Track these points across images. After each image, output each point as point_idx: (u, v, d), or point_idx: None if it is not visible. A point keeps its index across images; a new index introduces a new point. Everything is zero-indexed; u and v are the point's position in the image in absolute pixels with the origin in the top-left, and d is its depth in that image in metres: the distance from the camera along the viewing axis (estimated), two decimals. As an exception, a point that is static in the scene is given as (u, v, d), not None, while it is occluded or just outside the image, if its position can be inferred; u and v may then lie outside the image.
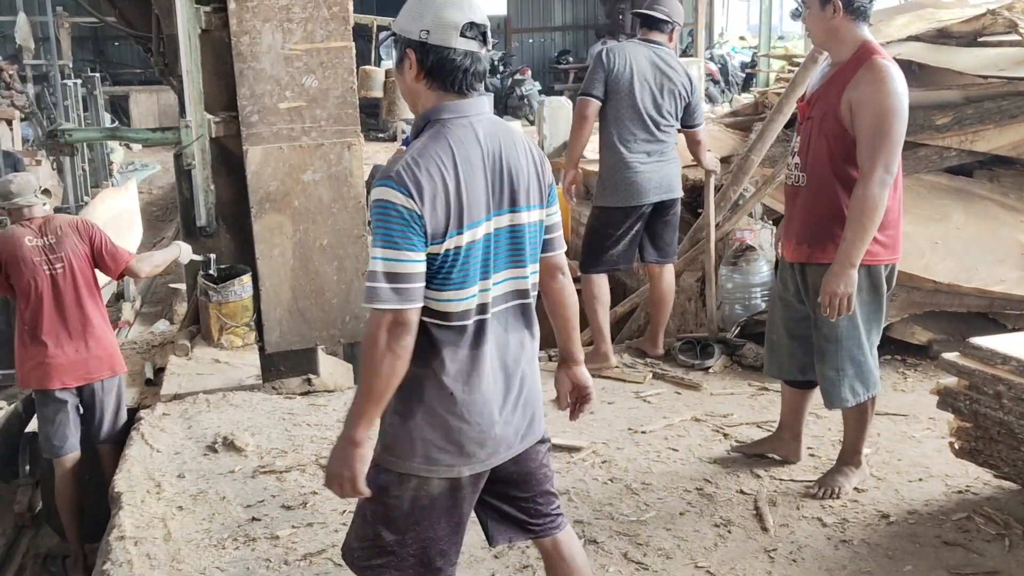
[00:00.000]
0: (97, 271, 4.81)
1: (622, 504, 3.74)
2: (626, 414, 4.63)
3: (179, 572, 3.35)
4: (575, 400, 2.69)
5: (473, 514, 2.49)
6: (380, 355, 2.19)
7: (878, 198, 3.33)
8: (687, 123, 5.08)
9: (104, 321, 4.81)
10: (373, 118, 15.36)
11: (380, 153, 13.38)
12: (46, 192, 4.84)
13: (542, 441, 2.54)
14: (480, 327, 2.31)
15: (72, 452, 4.70)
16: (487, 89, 2.36)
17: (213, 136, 5.48)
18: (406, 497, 2.35)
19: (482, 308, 2.31)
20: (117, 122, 10.90)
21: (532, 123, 15.79)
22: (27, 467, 5.12)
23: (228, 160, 5.63)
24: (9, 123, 15.62)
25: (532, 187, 2.36)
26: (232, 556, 3.45)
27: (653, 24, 5.00)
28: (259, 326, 5.64)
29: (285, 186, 5.53)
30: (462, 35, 2.23)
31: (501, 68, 19.53)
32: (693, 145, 5.21)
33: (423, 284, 2.22)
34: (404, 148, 7.82)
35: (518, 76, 19.07)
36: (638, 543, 3.45)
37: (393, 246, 2.17)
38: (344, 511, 3.73)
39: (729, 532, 3.52)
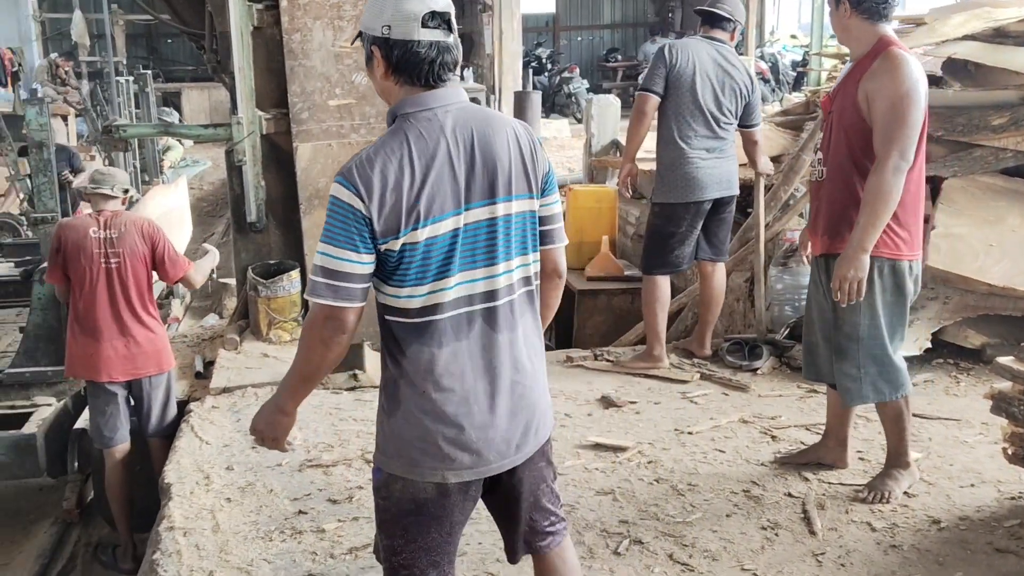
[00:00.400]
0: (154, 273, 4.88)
1: (668, 505, 3.72)
2: (672, 414, 4.60)
3: (227, 563, 3.38)
4: None
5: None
6: (312, 342, 2.25)
7: (892, 184, 3.32)
8: (745, 122, 5.04)
9: (154, 319, 4.84)
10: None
11: (427, 150, 13.39)
12: (125, 192, 4.92)
13: (543, 454, 2.43)
14: (452, 324, 2.24)
15: (122, 443, 4.75)
16: (468, 77, 2.32)
17: (264, 133, 5.54)
18: (394, 499, 2.32)
19: (454, 304, 2.23)
20: (178, 116, 11.03)
21: (579, 121, 15.77)
22: (75, 463, 5.18)
23: (278, 156, 5.69)
24: (64, 118, 15.93)
25: (517, 176, 2.27)
26: (279, 548, 3.48)
27: (716, 22, 4.97)
28: (307, 321, 5.70)
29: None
30: (424, 25, 2.18)
31: (549, 66, 19.49)
32: (749, 145, 5.17)
33: (364, 285, 2.19)
34: None
35: (566, 74, 19.05)
36: (684, 544, 3.42)
37: (332, 242, 2.18)
38: (389, 506, 3.74)
39: (776, 535, 3.49)
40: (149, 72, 12.55)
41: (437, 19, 2.19)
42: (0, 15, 18.20)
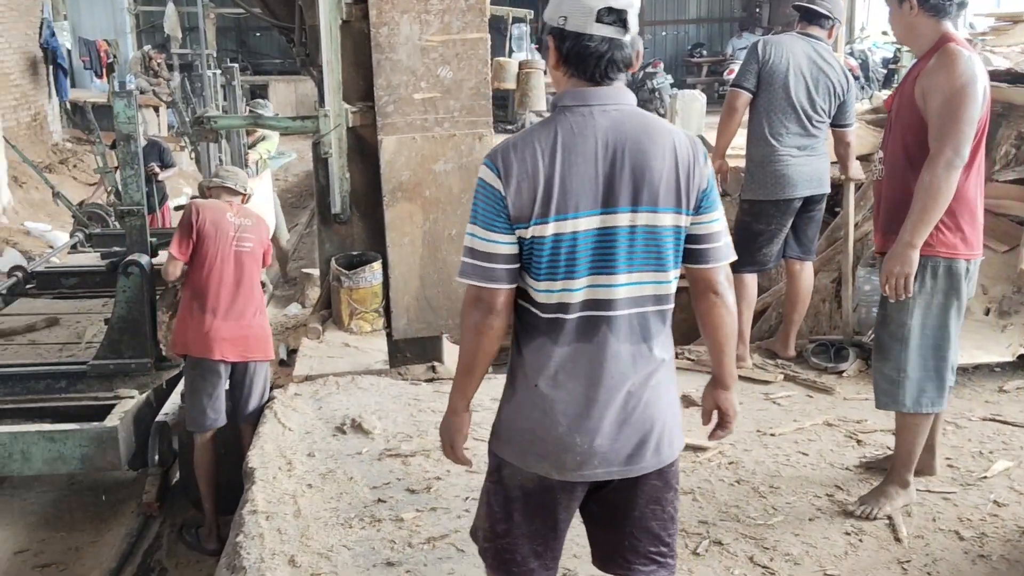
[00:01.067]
0: None
1: (749, 506, 3.66)
2: (755, 415, 4.53)
3: (307, 548, 3.43)
4: (716, 423, 2.50)
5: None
6: (465, 329, 2.27)
7: (943, 180, 3.22)
8: (838, 122, 4.92)
9: (263, 304, 5.00)
10: (501, 109, 15.47)
11: (508, 145, 13.42)
12: (245, 191, 5.13)
13: (661, 475, 2.33)
14: (577, 326, 2.21)
15: (219, 425, 4.85)
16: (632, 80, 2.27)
17: (350, 125, 5.60)
18: (503, 483, 2.35)
19: (581, 306, 2.20)
20: (271, 108, 11.18)
21: (663, 116, 15.64)
22: (156, 456, 5.22)
23: (363, 149, 5.76)
24: (156, 110, 16.36)
25: (667, 189, 2.19)
26: (358, 535, 3.52)
27: (813, 18, 4.87)
28: (387, 312, 5.76)
29: (417, 176, 5.63)
30: (599, 20, 2.15)
31: (632, 61, 19.33)
32: (841, 147, 5.04)
33: (509, 266, 2.20)
34: None
35: (650, 69, 18.87)
36: (765, 547, 3.37)
37: (477, 222, 2.21)
38: (467, 498, 3.76)
39: (861, 541, 3.41)
40: (236, 65, 12.78)
41: (613, 15, 2.16)
42: (96, 8, 18.74)
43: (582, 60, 2.18)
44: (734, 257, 2.35)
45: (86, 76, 17.53)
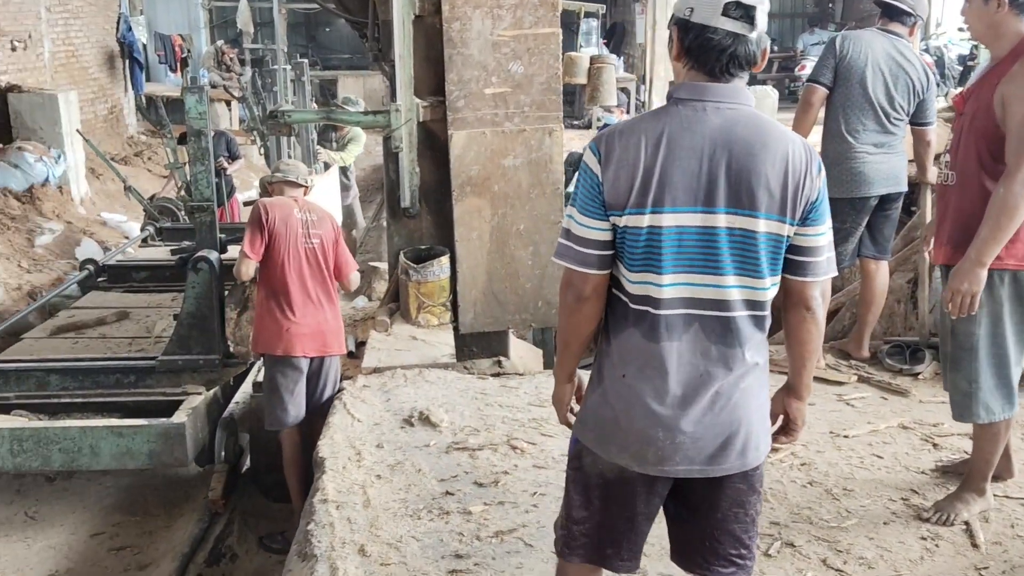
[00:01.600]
0: None
1: (821, 508, 3.60)
2: (827, 416, 4.46)
3: (377, 538, 3.46)
4: (780, 427, 2.46)
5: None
6: (560, 307, 2.32)
7: (1020, 196, 3.09)
8: (918, 120, 4.80)
9: (336, 299, 5.05)
10: (568, 105, 15.43)
11: (575, 140, 13.40)
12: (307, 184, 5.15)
13: (746, 478, 2.30)
14: (668, 321, 2.18)
15: (299, 421, 4.90)
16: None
17: (420, 120, 5.63)
18: (583, 470, 2.36)
19: (672, 302, 2.17)
20: (363, 104, 11.22)
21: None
22: (222, 453, 5.28)
23: (433, 144, 5.78)
24: (228, 104, 16.63)
25: (773, 196, 2.14)
26: (427, 527, 3.54)
27: (895, 14, 4.76)
28: (454, 307, 5.78)
29: (486, 170, 5.64)
30: (725, 14, 2.12)
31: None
32: (921, 146, 4.92)
33: (601, 252, 2.20)
34: (601, 135, 7.72)
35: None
36: (838, 550, 3.31)
37: (576, 206, 2.23)
38: (535, 493, 3.77)
39: (937, 546, 3.34)
40: (305, 61, 12.93)
41: (741, 10, 2.13)
42: (171, 3, 19.12)
43: (704, 53, 2.16)
44: (835, 273, 2.31)
45: (161, 70, 17.90)
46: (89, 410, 5.22)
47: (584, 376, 2.47)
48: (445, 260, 5.70)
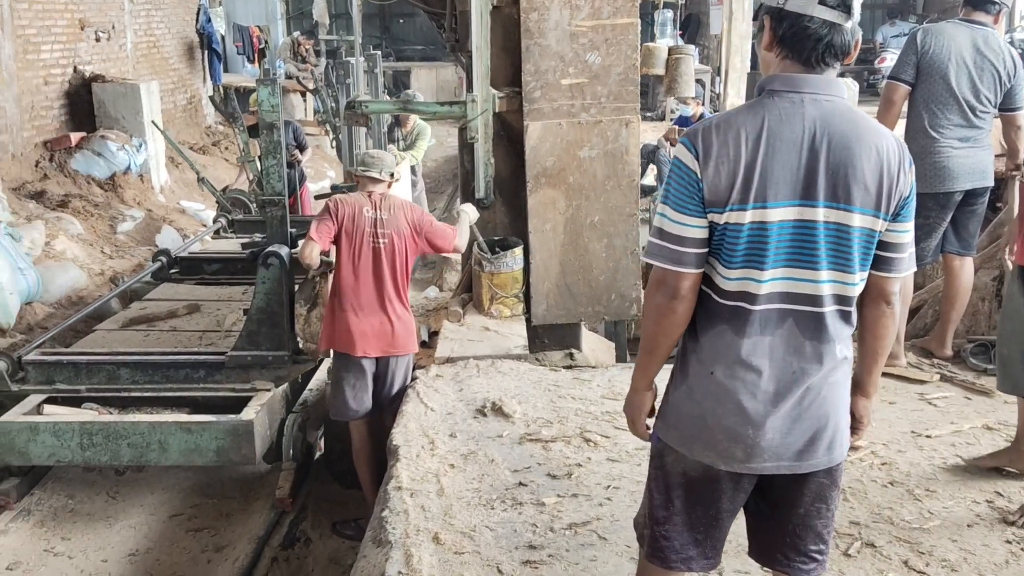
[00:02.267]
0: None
1: (903, 509, 3.52)
2: (909, 416, 4.36)
3: (451, 526, 3.47)
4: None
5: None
6: (648, 308, 2.27)
7: None
8: (1007, 106, 4.66)
9: (407, 303, 4.94)
10: (642, 96, 15.28)
11: (648, 132, 13.29)
12: (391, 176, 5.01)
13: (829, 474, 2.27)
14: (762, 317, 2.16)
15: (366, 414, 4.89)
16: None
17: (496, 111, 5.63)
18: (666, 469, 2.33)
19: (768, 297, 2.15)
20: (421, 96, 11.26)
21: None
22: (291, 451, 5.22)
23: (508, 134, 5.78)
24: (303, 95, 16.83)
25: (867, 190, 2.12)
26: (500, 517, 3.55)
27: (979, 4, 4.62)
28: (527, 298, 5.78)
29: (561, 162, 5.62)
30: (821, 2, 2.08)
31: (776, 49, 18.85)
32: (1012, 130, 4.76)
33: (698, 250, 2.16)
34: (676, 127, 7.78)
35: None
36: (920, 551, 3.24)
37: (669, 204, 2.18)
38: (608, 486, 3.75)
39: (1023, 550, 3.24)
40: (378, 53, 13.01)
41: None
42: (250, -5, 19.43)
43: (799, 43, 2.12)
44: (915, 268, 2.28)
45: (238, 61, 18.18)
46: (158, 404, 5.23)
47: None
48: (519, 251, 5.70)
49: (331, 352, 5.04)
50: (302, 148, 9.55)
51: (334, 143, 12.09)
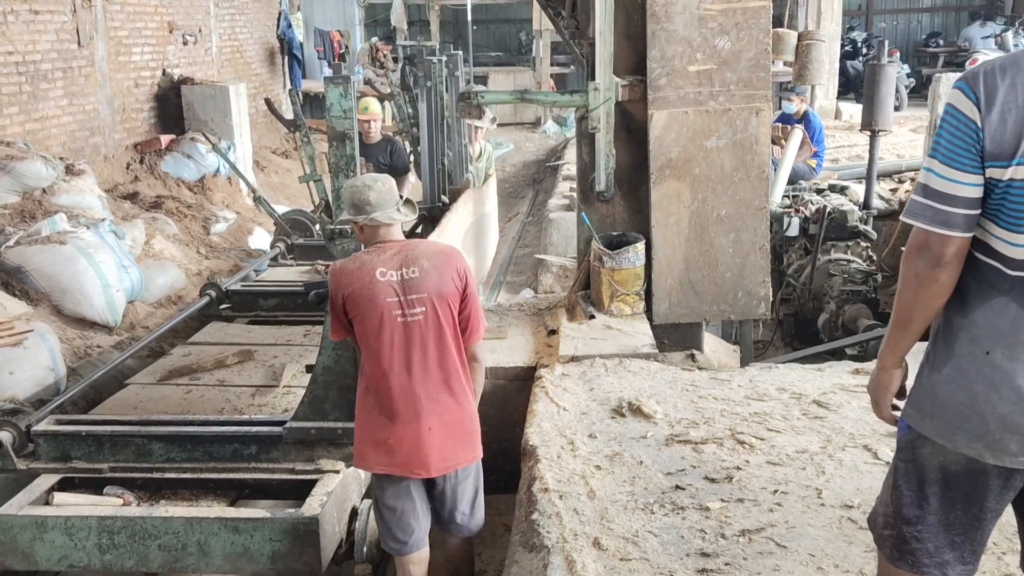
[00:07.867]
0: None
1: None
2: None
3: (611, 531, 3.23)
4: None
5: None
6: (905, 276, 2.01)
7: None
8: None
9: (467, 387, 3.58)
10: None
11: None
12: (408, 204, 3.63)
13: None
14: None
15: (420, 549, 3.60)
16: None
17: (618, 99, 5.39)
18: (919, 462, 2.06)
19: None
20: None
21: (897, 109, 14.72)
22: (364, 549, 4.09)
23: (629, 124, 5.54)
24: (382, 101, 16.78)
25: None
26: (663, 522, 3.29)
27: None
28: (647, 296, 5.51)
29: (687, 152, 5.37)
30: None
31: (864, 50, 18.41)
32: None
33: (969, 211, 1.90)
34: (779, 125, 7.28)
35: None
36: None
37: (938, 157, 1.94)
38: (775, 491, 3.47)
39: None
40: (460, 53, 12.84)
41: None
42: (328, 0, 19.43)
43: None
44: None
45: (317, 67, 18.21)
46: (198, 488, 4.25)
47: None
48: (640, 247, 5.44)
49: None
50: (397, 171, 7.36)
51: (412, 156, 11.56)
